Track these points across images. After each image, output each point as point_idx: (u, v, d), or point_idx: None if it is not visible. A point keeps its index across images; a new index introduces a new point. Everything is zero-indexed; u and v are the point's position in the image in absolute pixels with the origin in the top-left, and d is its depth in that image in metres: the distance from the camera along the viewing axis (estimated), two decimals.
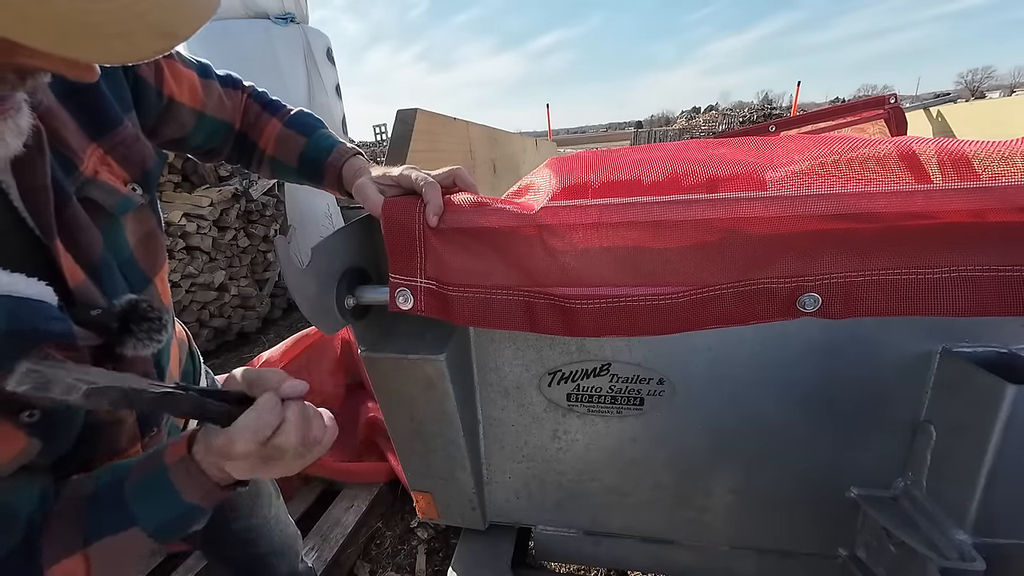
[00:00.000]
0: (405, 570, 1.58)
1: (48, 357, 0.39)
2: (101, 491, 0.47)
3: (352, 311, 0.66)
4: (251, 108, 0.75)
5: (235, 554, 0.87)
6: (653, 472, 0.77)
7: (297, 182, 0.77)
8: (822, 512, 0.74)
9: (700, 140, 0.74)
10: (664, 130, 18.91)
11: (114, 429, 0.54)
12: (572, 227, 0.56)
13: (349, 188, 0.70)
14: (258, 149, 0.74)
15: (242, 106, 0.74)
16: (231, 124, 0.72)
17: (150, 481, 0.47)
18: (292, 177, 0.76)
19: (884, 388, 0.64)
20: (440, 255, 0.60)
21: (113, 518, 0.46)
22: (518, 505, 0.87)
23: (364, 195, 0.62)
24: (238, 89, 0.74)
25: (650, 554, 0.88)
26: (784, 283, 0.54)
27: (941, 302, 0.51)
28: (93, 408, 0.42)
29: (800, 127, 2.11)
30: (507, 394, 0.77)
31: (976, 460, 0.56)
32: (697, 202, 0.54)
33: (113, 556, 0.46)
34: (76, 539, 0.44)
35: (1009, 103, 1.85)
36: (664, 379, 0.70)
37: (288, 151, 0.73)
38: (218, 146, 0.74)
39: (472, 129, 1.95)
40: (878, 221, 0.50)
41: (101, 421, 0.52)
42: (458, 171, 0.64)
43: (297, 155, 0.73)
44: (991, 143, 0.54)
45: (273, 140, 0.73)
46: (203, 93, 0.67)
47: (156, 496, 0.47)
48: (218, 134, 0.72)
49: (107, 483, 0.48)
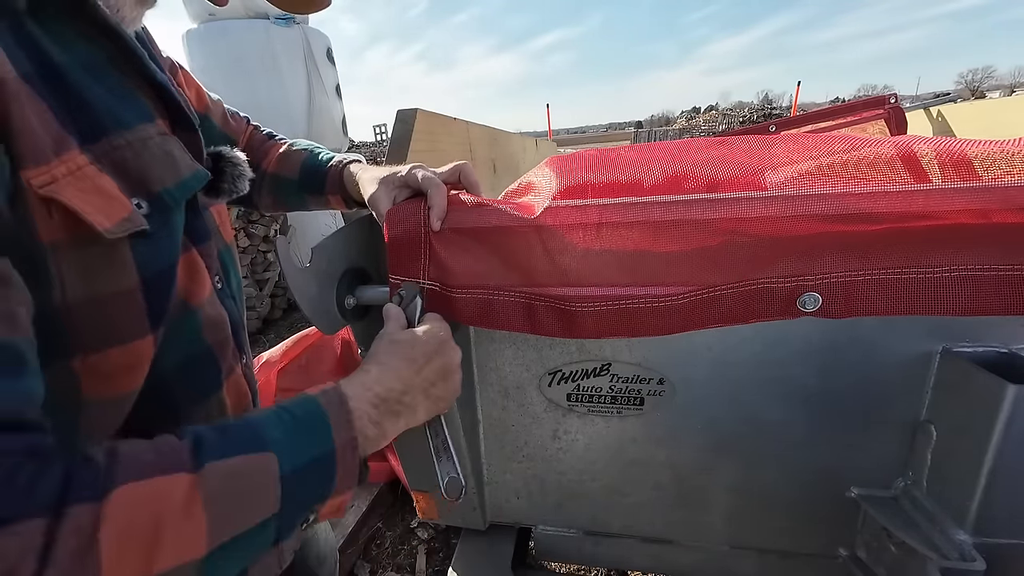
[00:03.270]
0: (405, 570, 1.58)
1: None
2: (220, 424, 0.36)
3: (352, 311, 0.66)
4: (256, 136, 0.78)
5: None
6: (653, 472, 0.77)
7: (299, 201, 0.77)
8: (822, 512, 0.74)
9: (700, 139, 0.74)
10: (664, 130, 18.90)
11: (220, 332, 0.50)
12: (573, 227, 0.56)
13: (351, 191, 0.70)
14: (259, 170, 0.75)
15: (247, 134, 0.77)
16: (235, 140, 0.74)
17: (294, 406, 0.39)
18: (293, 192, 0.75)
19: (884, 388, 0.64)
20: (443, 257, 0.60)
21: (237, 438, 0.35)
22: (518, 505, 0.87)
23: (377, 209, 0.62)
24: (243, 118, 0.77)
25: (650, 554, 0.88)
26: (784, 283, 0.54)
27: (941, 302, 0.51)
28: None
29: (800, 127, 2.11)
30: (507, 394, 0.77)
31: (976, 460, 0.56)
32: (698, 202, 0.54)
33: (227, 491, 0.32)
34: (176, 457, 0.31)
35: (1009, 103, 1.85)
36: (664, 379, 0.70)
37: (290, 165, 0.74)
38: None
39: (472, 129, 1.95)
40: (878, 221, 0.50)
41: (212, 315, 0.49)
42: (463, 167, 0.65)
43: (298, 166, 0.74)
44: (991, 143, 0.54)
45: (275, 160, 0.75)
46: (209, 102, 0.69)
47: (307, 426, 0.38)
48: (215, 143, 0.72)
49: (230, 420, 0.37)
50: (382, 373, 0.46)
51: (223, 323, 0.51)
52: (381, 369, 0.46)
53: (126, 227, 0.36)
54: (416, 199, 0.62)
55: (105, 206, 0.35)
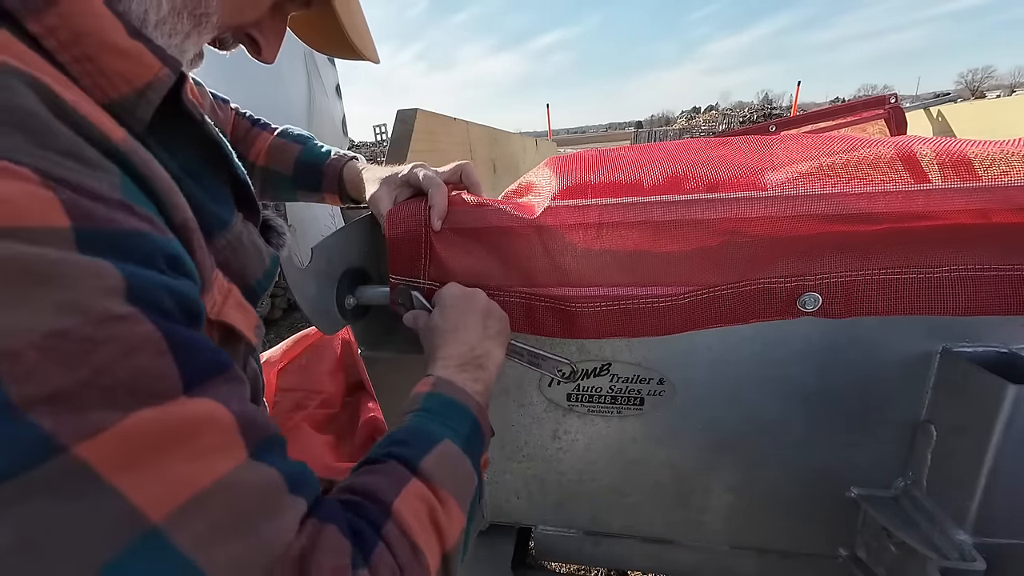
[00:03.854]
0: None
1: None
2: (376, 449, 0.41)
3: (352, 311, 0.66)
4: (240, 124, 0.74)
5: None
6: (653, 472, 0.77)
7: (290, 196, 0.74)
8: (822, 512, 0.74)
9: (700, 140, 0.74)
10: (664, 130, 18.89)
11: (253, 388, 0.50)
12: (573, 228, 0.56)
13: (351, 191, 0.70)
14: (248, 162, 0.72)
15: (231, 121, 0.73)
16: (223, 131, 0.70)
17: (422, 407, 0.45)
18: (286, 188, 0.73)
19: (884, 388, 0.64)
20: (444, 257, 0.60)
21: (417, 442, 0.41)
22: (518, 505, 0.87)
23: (378, 209, 0.62)
24: (228, 104, 0.73)
25: (650, 554, 0.88)
26: (784, 283, 0.54)
27: (941, 302, 0.51)
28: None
29: (800, 127, 2.11)
30: (507, 394, 0.77)
31: (976, 460, 0.56)
32: (698, 202, 0.54)
33: (447, 476, 0.39)
34: (398, 472, 0.38)
35: (1009, 103, 1.85)
36: (664, 379, 0.70)
37: (282, 159, 0.72)
38: None
39: (472, 129, 1.95)
40: (878, 221, 0.50)
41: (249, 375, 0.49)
42: (464, 167, 0.65)
43: (292, 162, 0.71)
44: (991, 143, 0.54)
45: (265, 151, 0.72)
46: (198, 92, 0.66)
47: (446, 410, 0.45)
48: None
49: (379, 446, 0.42)
50: (445, 348, 0.52)
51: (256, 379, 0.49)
52: (442, 347, 0.53)
53: (259, 335, 0.42)
54: (417, 199, 0.62)
55: (245, 319, 0.39)
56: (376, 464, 0.39)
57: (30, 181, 0.23)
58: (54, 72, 0.28)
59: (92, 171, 0.26)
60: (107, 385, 0.23)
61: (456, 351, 0.52)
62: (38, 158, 0.24)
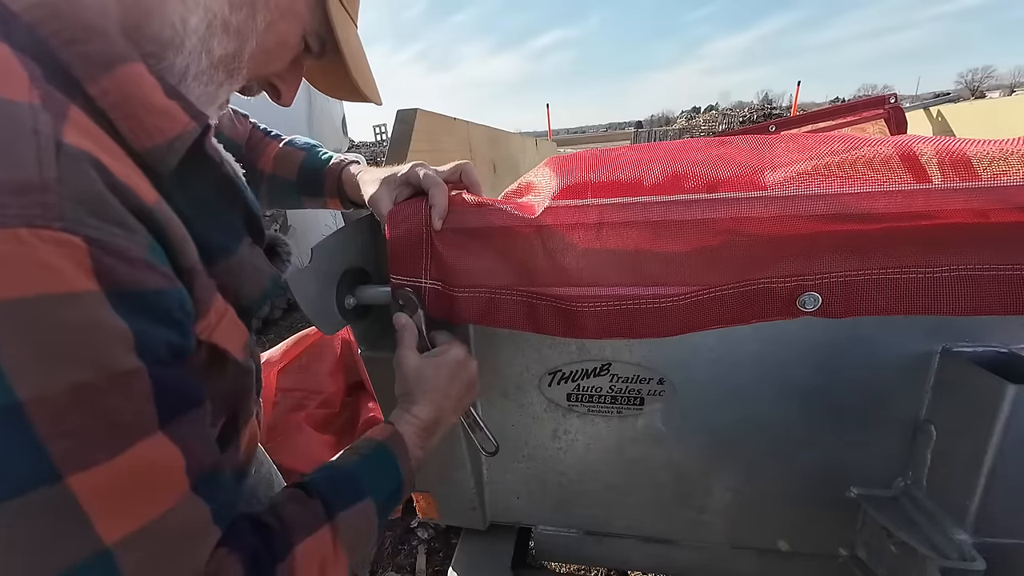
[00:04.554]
0: (405, 570, 1.58)
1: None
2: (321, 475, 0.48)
3: (352, 311, 0.66)
4: (254, 135, 0.78)
5: None
6: (653, 472, 0.77)
7: (295, 202, 0.77)
8: (822, 512, 0.74)
9: (700, 139, 0.74)
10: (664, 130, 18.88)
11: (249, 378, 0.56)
12: (573, 227, 0.56)
13: (351, 193, 0.70)
14: (257, 171, 0.75)
15: (248, 133, 0.77)
16: (240, 145, 0.74)
17: (371, 455, 0.51)
18: (291, 194, 0.76)
19: (884, 388, 0.64)
20: (445, 256, 0.60)
21: (347, 491, 0.47)
22: (518, 505, 0.87)
23: (379, 209, 0.62)
24: (247, 118, 0.78)
25: (650, 554, 0.88)
26: (784, 282, 0.54)
27: (941, 301, 0.51)
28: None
29: (800, 127, 2.11)
30: (507, 394, 0.77)
31: (976, 460, 0.56)
32: (698, 202, 0.54)
33: (351, 532, 0.45)
34: (317, 514, 0.43)
35: (1009, 103, 1.86)
36: (664, 379, 0.70)
37: (287, 166, 0.75)
38: None
39: (472, 129, 1.95)
40: (878, 221, 0.50)
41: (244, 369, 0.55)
42: (464, 167, 0.65)
43: (296, 168, 0.74)
44: (991, 143, 0.54)
45: (272, 159, 0.75)
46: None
47: (380, 467, 0.51)
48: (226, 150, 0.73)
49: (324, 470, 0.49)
50: (422, 410, 0.56)
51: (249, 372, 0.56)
52: (420, 407, 0.56)
53: (248, 350, 0.47)
54: (417, 198, 0.62)
55: (236, 336, 0.45)
56: (308, 494, 0.44)
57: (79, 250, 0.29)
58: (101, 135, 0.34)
59: (128, 235, 0.32)
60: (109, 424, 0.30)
61: (427, 414, 0.56)
62: (91, 228, 0.30)
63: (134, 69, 0.37)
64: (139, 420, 0.31)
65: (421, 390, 0.57)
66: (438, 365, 0.58)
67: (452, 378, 0.59)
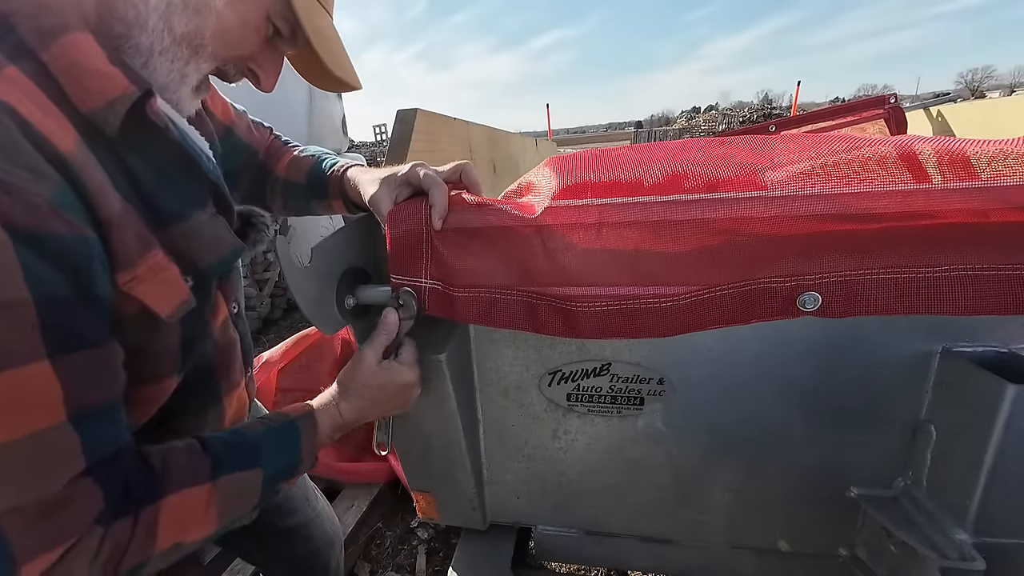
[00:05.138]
0: (405, 570, 1.58)
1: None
2: (226, 435, 0.51)
3: (352, 311, 0.66)
4: (274, 144, 0.83)
5: (291, 552, 0.91)
6: (653, 472, 0.77)
7: (305, 205, 0.78)
8: (822, 512, 0.74)
9: (700, 139, 0.74)
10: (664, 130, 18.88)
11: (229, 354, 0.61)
12: (573, 227, 0.56)
13: (351, 194, 0.70)
14: (272, 176, 0.79)
15: (267, 141, 0.82)
16: (256, 150, 0.79)
17: (278, 429, 0.54)
18: (302, 197, 0.78)
19: (884, 388, 0.64)
20: (445, 256, 0.60)
21: (241, 456, 0.49)
22: (518, 505, 0.87)
23: (379, 209, 0.63)
24: (267, 128, 0.83)
25: (650, 554, 0.88)
26: (784, 282, 0.54)
27: (941, 301, 0.51)
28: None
29: (800, 127, 2.11)
30: (507, 394, 0.77)
31: (976, 460, 0.56)
32: (698, 202, 0.54)
33: (230, 496, 0.48)
34: (203, 470, 0.46)
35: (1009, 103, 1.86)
36: (664, 379, 0.70)
37: (299, 171, 0.77)
38: (237, 168, 0.77)
39: (472, 129, 1.95)
40: (878, 221, 0.50)
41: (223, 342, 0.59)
42: (464, 167, 0.65)
43: (307, 172, 0.76)
44: (991, 143, 0.54)
45: (286, 164, 0.79)
46: (234, 114, 0.74)
47: (281, 442, 0.53)
48: (240, 153, 0.76)
49: (230, 432, 0.52)
50: (349, 409, 0.58)
51: (232, 345, 0.60)
52: (349, 406, 0.59)
53: (182, 310, 0.48)
54: (417, 198, 0.62)
55: (170, 295, 0.46)
56: (204, 449, 0.47)
57: None
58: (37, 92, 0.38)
59: (37, 180, 0.35)
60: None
61: (351, 416, 0.59)
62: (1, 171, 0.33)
63: (78, 37, 0.41)
64: (19, 348, 0.34)
65: (359, 392, 0.59)
66: (389, 380, 0.60)
67: (392, 397, 0.61)
